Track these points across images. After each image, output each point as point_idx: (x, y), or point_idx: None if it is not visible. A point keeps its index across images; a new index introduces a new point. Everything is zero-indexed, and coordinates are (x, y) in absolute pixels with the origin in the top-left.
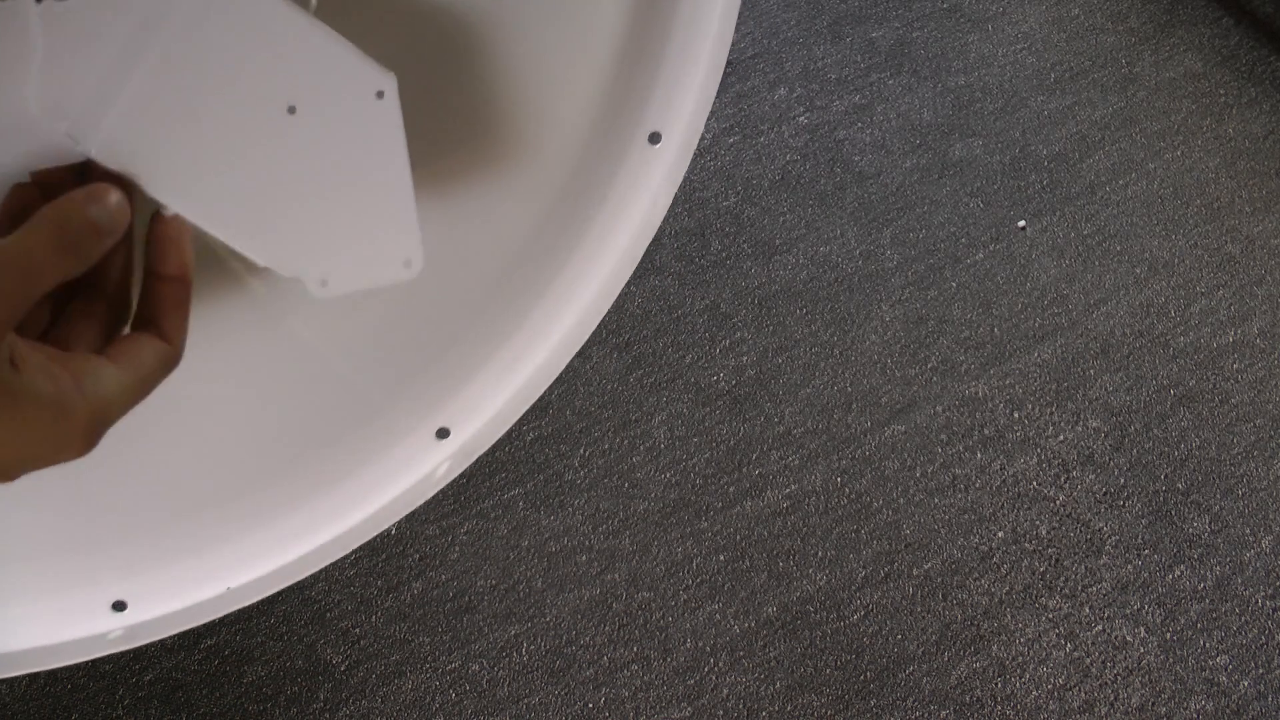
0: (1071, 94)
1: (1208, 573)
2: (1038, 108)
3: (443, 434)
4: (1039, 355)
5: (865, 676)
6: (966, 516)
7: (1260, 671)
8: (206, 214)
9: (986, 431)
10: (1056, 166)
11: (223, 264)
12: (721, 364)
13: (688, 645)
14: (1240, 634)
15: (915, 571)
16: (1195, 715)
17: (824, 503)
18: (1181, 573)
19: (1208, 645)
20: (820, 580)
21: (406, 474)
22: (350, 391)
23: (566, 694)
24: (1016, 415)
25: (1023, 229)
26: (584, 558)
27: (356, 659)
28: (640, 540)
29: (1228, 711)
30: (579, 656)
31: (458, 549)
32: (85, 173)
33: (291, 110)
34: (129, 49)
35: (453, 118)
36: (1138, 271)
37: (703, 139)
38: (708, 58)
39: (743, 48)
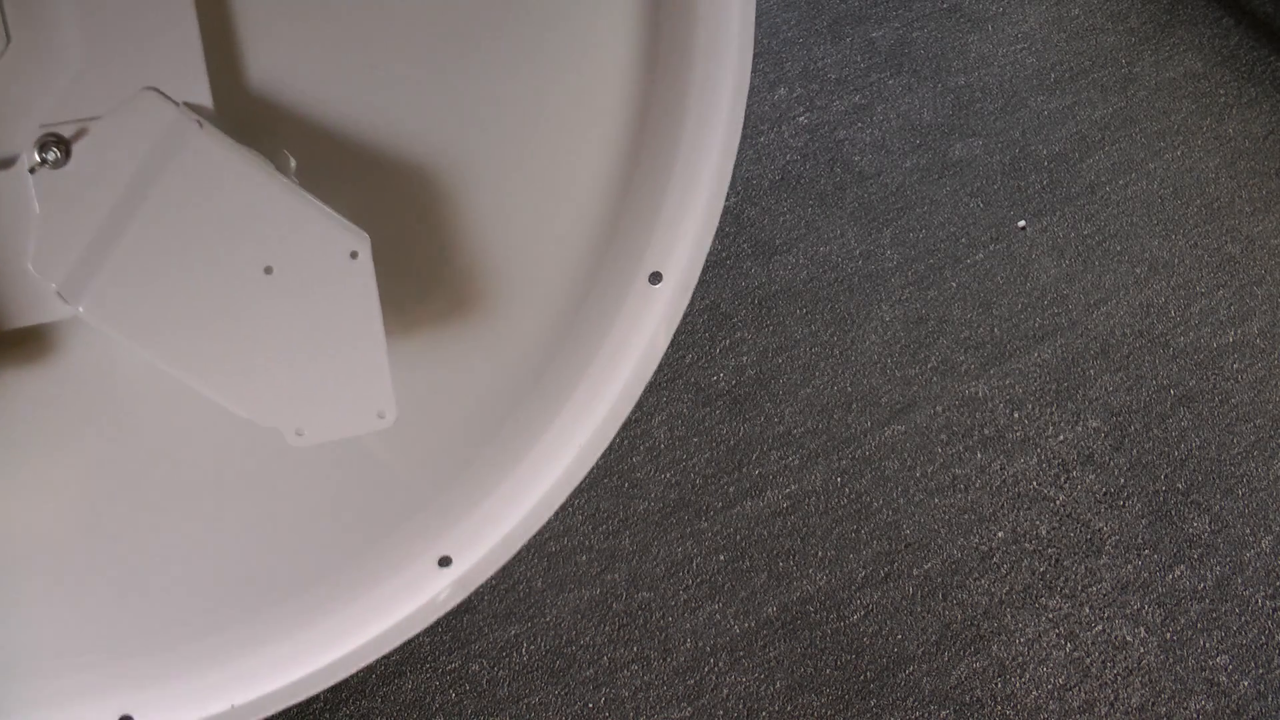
0: (1071, 94)
1: (1208, 573)
2: (1038, 108)
3: (445, 562)
4: (1039, 355)
5: (865, 676)
6: (966, 516)
7: (1260, 671)
8: (188, 368)
9: (986, 431)
10: (1056, 166)
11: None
12: (721, 364)
13: (688, 645)
14: (1240, 634)
15: (915, 571)
16: (1195, 715)
17: (824, 503)
18: (1181, 573)
19: (1208, 645)
20: (820, 580)
21: (409, 600)
22: (357, 522)
23: (566, 694)
24: (1016, 415)
25: (1023, 229)
26: (584, 558)
27: None
28: (640, 540)
29: (1228, 711)
30: (579, 656)
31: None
32: None
33: (268, 270)
34: (117, 215)
35: (458, 264)
36: (1138, 271)
37: None
38: (706, 199)
39: None
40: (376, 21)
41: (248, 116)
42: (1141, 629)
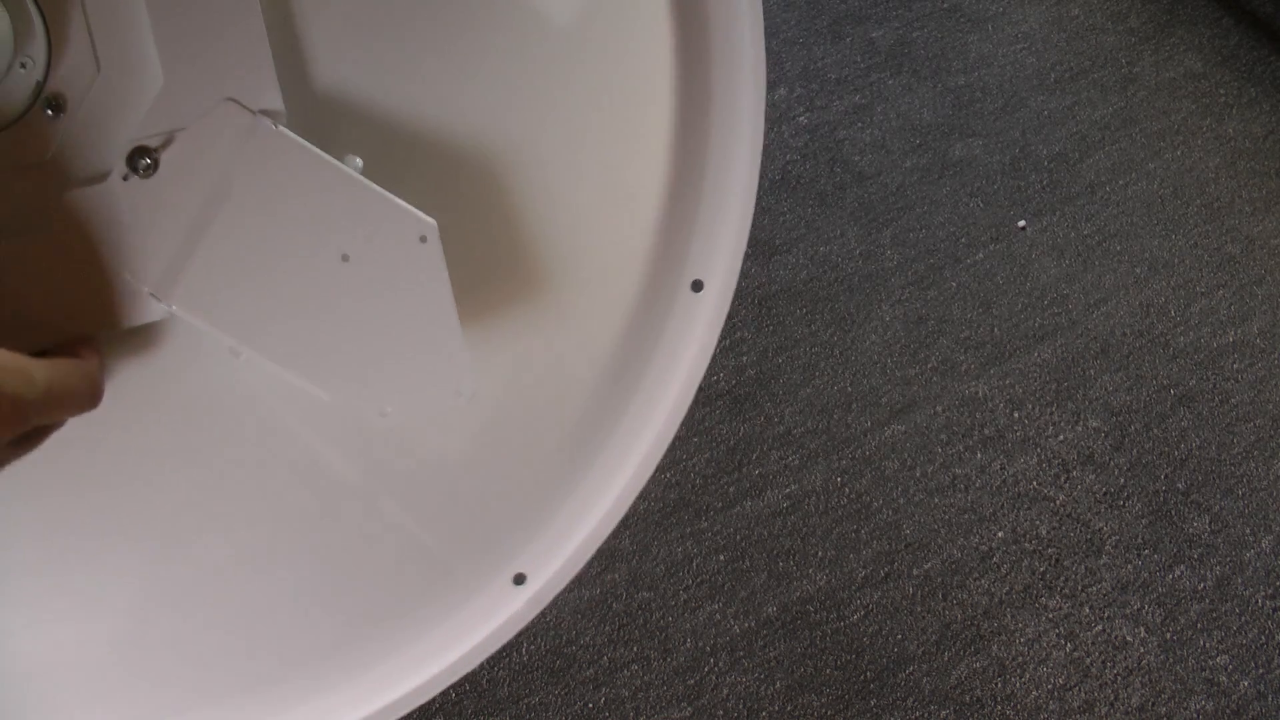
0: (1071, 94)
1: (1208, 573)
2: (1038, 108)
3: (519, 580)
4: (1039, 355)
5: (865, 676)
6: (966, 516)
7: (1260, 671)
8: (276, 355)
9: (986, 431)
10: (1056, 166)
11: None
12: (721, 364)
13: (688, 645)
14: (1240, 634)
15: (915, 571)
16: (1195, 715)
17: (824, 503)
18: (1181, 573)
19: (1208, 645)
20: (820, 580)
21: (489, 620)
22: (433, 553)
23: (566, 694)
24: (1016, 415)
25: (1023, 229)
26: None
27: None
28: (640, 540)
29: (1228, 711)
30: (579, 656)
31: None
32: None
33: (345, 259)
34: (201, 216)
35: (523, 268)
36: (1138, 271)
37: None
38: (740, 199)
39: None
40: (437, 28)
41: (316, 121)
42: (1141, 629)
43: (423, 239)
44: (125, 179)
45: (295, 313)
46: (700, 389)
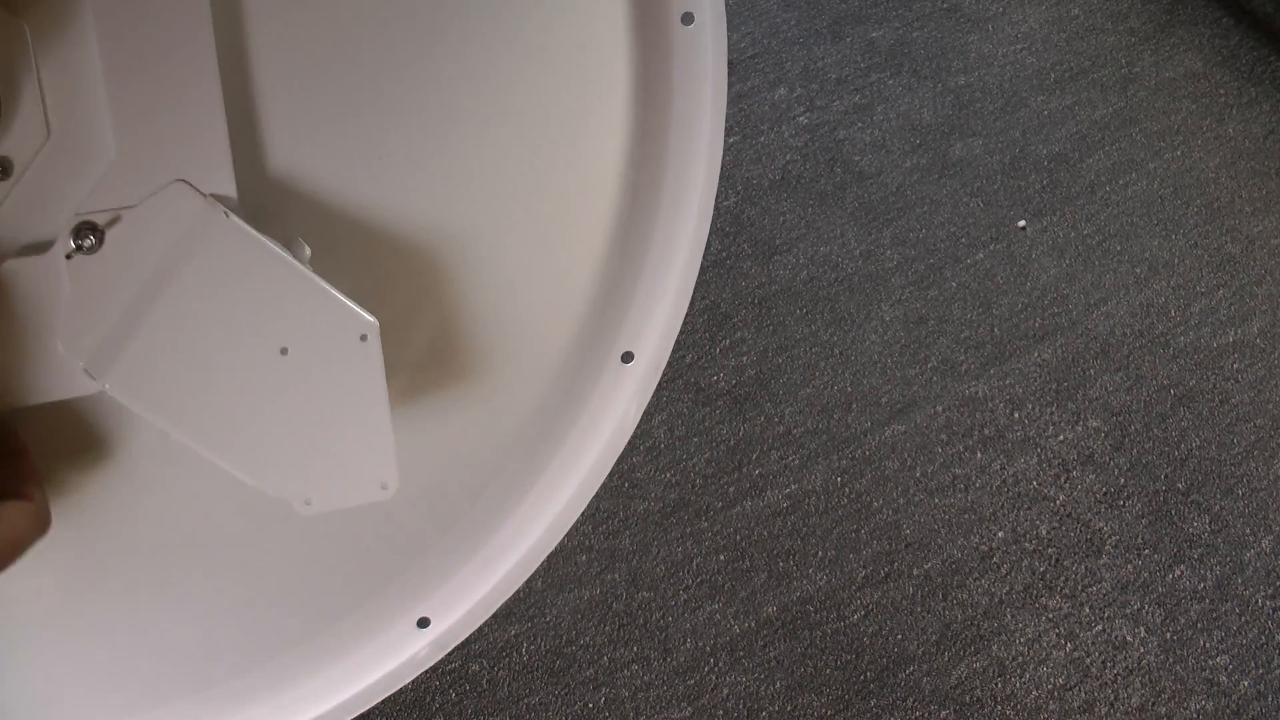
0: (1071, 94)
1: (1208, 573)
2: (1038, 108)
3: (423, 623)
4: (1039, 355)
5: (865, 676)
6: (966, 516)
7: (1260, 671)
8: (205, 442)
9: (986, 431)
10: (1056, 166)
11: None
12: (721, 364)
13: (688, 645)
14: (1240, 634)
15: (915, 571)
16: (1195, 715)
17: (824, 503)
18: (1181, 573)
19: (1208, 645)
20: (820, 580)
21: (389, 659)
22: (339, 583)
23: (566, 694)
24: (1016, 415)
25: (1023, 229)
26: (584, 558)
27: None
28: (640, 540)
29: (1228, 711)
30: (579, 656)
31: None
32: None
33: (284, 351)
34: (144, 297)
35: (454, 338)
36: (1138, 271)
37: None
38: (678, 280)
39: (743, 48)
40: (391, 116)
41: (266, 205)
42: (1141, 629)
43: (363, 337)
44: (69, 256)
45: (227, 402)
46: (700, 389)
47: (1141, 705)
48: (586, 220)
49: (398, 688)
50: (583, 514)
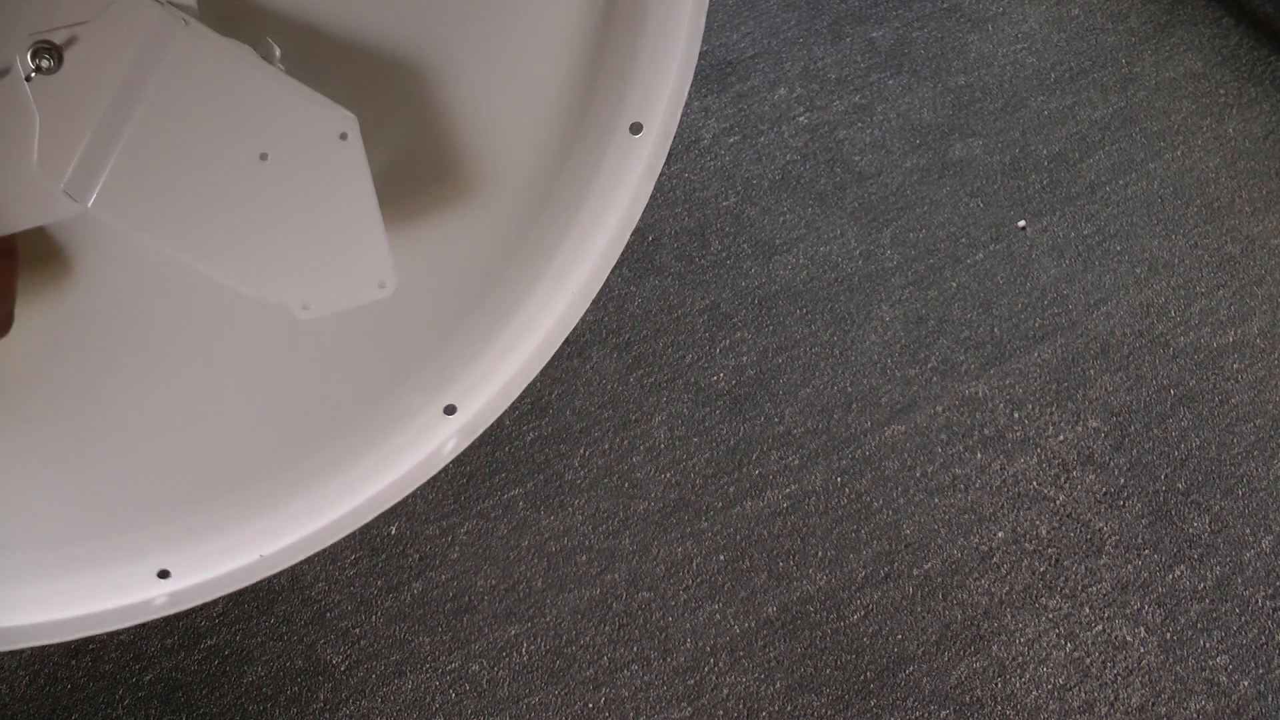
0: (1071, 94)
1: (1208, 573)
2: (1038, 108)
3: (450, 410)
4: (1039, 355)
5: (865, 676)
6: (966, 516)
7: (1260, 671)
8: (197, 254)
9: (986, 431)
10: (1056, 166)
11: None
12: (721, 364)
13: (688, 645)
14: (1240, 634)
15: (915, 571)
16: (1195, 715)
17: (824, 503)
18: (1181, 573)
19: (1208, 645)
20: (820, 580)
21: (418, 448)
22: (365, 376)
23: (566, 694)
24: (1016, 415)
25: (1023, 229)
26: (584, 558)
27: (356, 659)
28: (640, 540)
29: (1228, 711)
30: (579, 656)
31: (458, 549)
32: None
33: (264, 157)
34: (114, 114)
35: (445, 135)
36: (1138, 271)
37: (703, 139)
38: (683, 48)
39: (743, 48)
40: None
41: (231, 7)
42: (1141, 629)
43: (343, 136)
44: (29, 78)
45: (215, 212)
46: (700, 389)
47: (1141, 705)
48: None
49: (428, 478)
50: (583, 514)
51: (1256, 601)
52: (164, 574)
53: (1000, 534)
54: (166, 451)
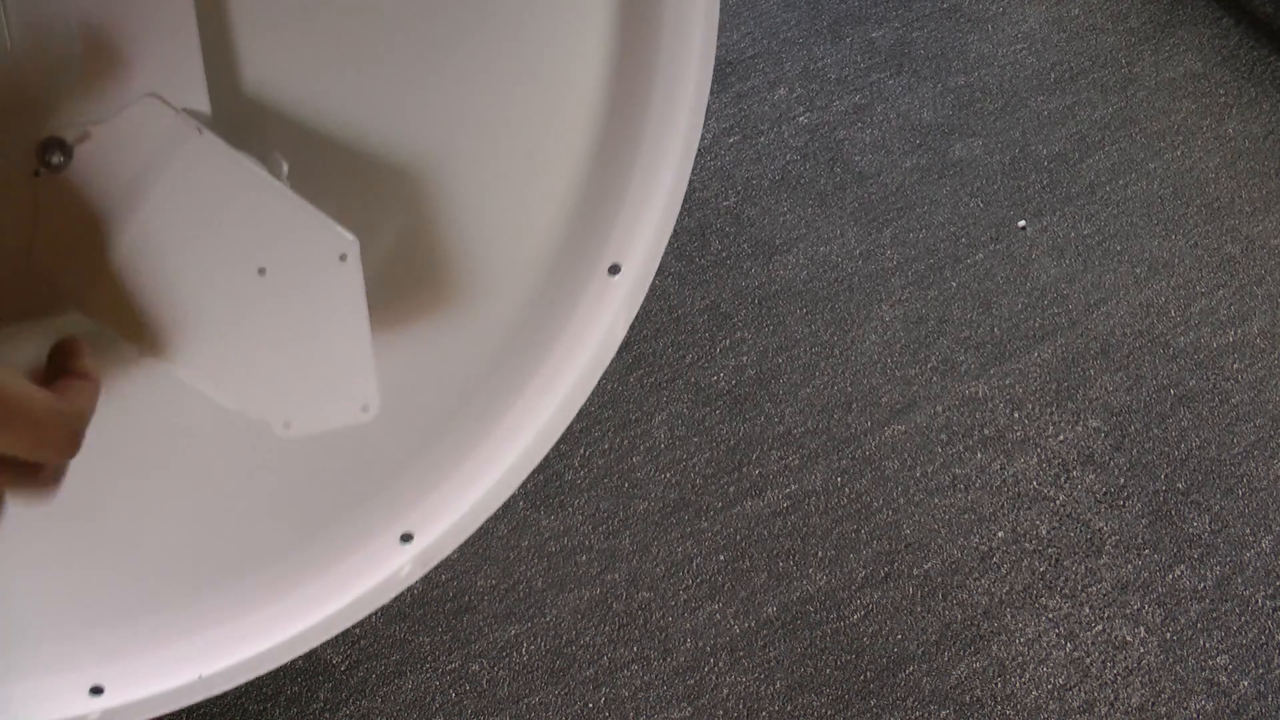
0: (1071, 94)
1: (1208, 573)
2: (1038, 108)
3: (406, 538)
4: (1039, 355)
5: (865, 676)
6: (966, 516)
7: (1260, 671)
8: (184, 365)
9: (986, 431)
10: (1056, 166)
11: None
12: (721, 364)
13: (688, 645)
14: (1240, 634)
15: (915, 571)
16: (1195, 715)
17: (824, 503)
18: (1181, 573)
19: (1208, 645)
20: (820, 580)
21: (371, 574)
22: (323, 496)
23: (566, 694)
24: (1016, 415)
25: (1023, 229)
26: (584, 558)
27: (356, 659)
28: (640, 540)
29: (1228, 711)
30: (579, 656)
31: (458, 549)
32: None
33: (262, 271)
34: (115, 216)
35: (436, 255)
36: (1138, 271)
37: (703, 139)
38: (668, 190)
39: (743, 48)
40: (364, 30)
41: (242, 120)
42: (1141, 629)
43: (343, 257)
44: (36, 174)
45: (205, 324)
46: (700, 389)
47: (1141, 705)
48: (569, 131)
49: (381, 604)
50: (583, 514)
51: (1256, 601)
52: (97, 690)
53: (1000, 534)
54: (107, 560)
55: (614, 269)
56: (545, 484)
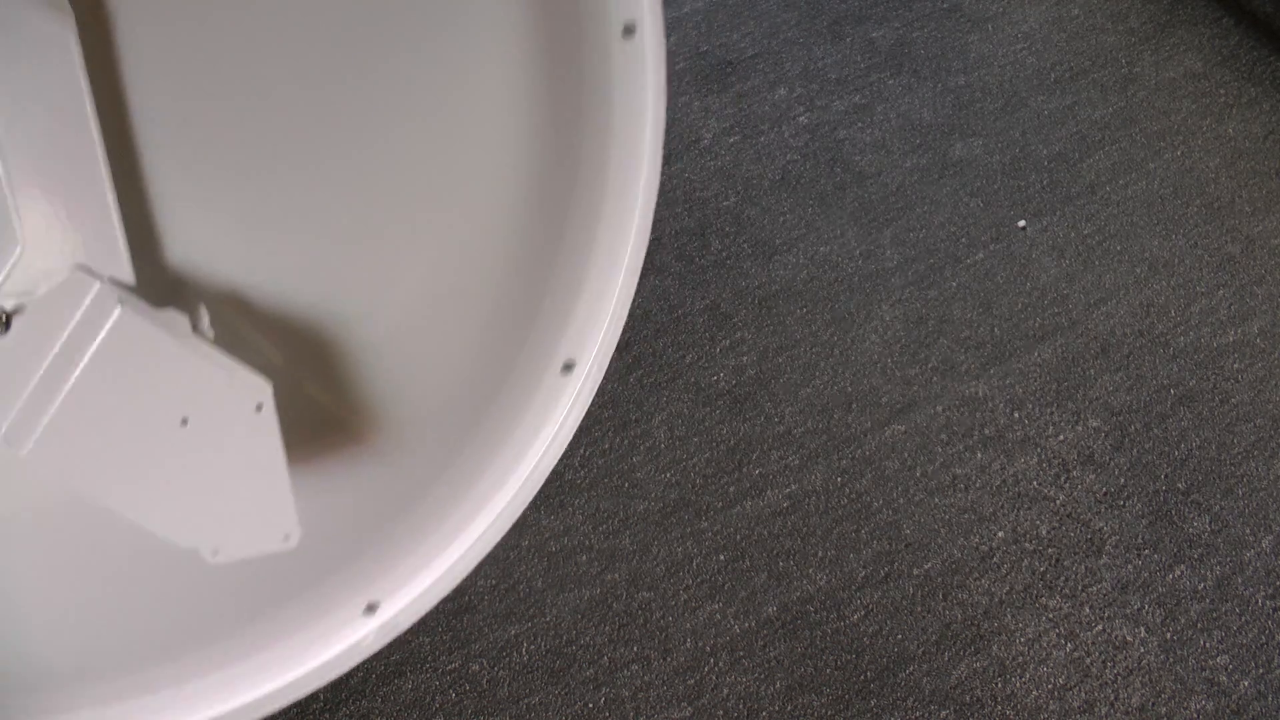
0: (1071, 94)
1: (1208, 573)
2: (1038, 108)
3: (371, 609)
4: (1039, 355)
5: (865, 676)
6: (966, 516)
7: (1260, 671)
8: (118, 503)
9: (986, 431)
10: (1056, 166)
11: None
12: (721, 364)
13: (688, 645)
14: (1240, 634)
15: (915, 571)
16: (1195, 715)
17: (824, 503)
18: (1181, 573)
19: (1208, 645)
20: (820, 580)
21: (335, 642)
22: (289, 567)
23: (566, 694)
24: (1016, 415)
25: (1023, 229)
26: (584, 558)
27: None
28: (640, 540)
29: (1228, 711)
30: (579, 656)
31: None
32: None
33: (184, 422)
34: (52, 377)
35: (375, 376)
36: (1138, 271)
37: (703, 139)
38: (623, 285)
39: (743, 48)
40: (277, 204)
41: (165, 282)
42: (1141, 629)
43: (259, 406)
44: None
45: (137, 468)
46: (700, 389)
47: (1141, 705)
48: (512, 242)
49: (346, 669)
50: (583, 514)
51: (1256, 601)
52: None
53: (1000, 534)
54: (69, 624)
55: (568, 366)
56: (545, 484)
